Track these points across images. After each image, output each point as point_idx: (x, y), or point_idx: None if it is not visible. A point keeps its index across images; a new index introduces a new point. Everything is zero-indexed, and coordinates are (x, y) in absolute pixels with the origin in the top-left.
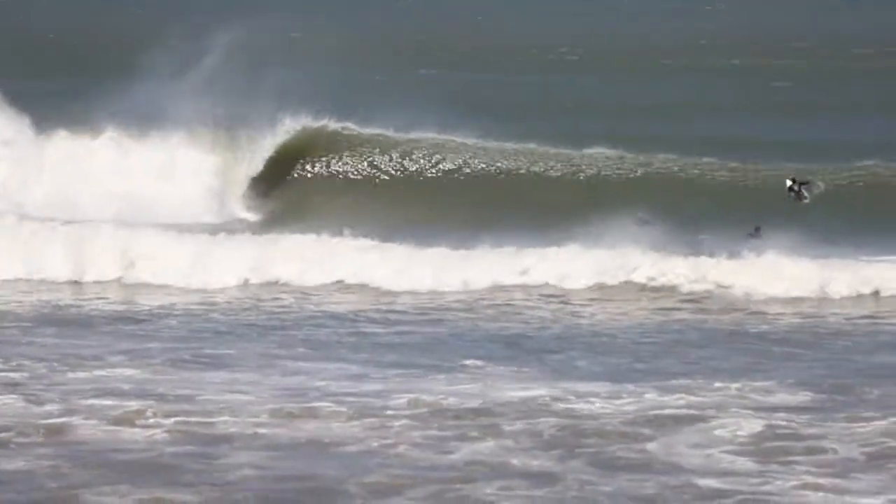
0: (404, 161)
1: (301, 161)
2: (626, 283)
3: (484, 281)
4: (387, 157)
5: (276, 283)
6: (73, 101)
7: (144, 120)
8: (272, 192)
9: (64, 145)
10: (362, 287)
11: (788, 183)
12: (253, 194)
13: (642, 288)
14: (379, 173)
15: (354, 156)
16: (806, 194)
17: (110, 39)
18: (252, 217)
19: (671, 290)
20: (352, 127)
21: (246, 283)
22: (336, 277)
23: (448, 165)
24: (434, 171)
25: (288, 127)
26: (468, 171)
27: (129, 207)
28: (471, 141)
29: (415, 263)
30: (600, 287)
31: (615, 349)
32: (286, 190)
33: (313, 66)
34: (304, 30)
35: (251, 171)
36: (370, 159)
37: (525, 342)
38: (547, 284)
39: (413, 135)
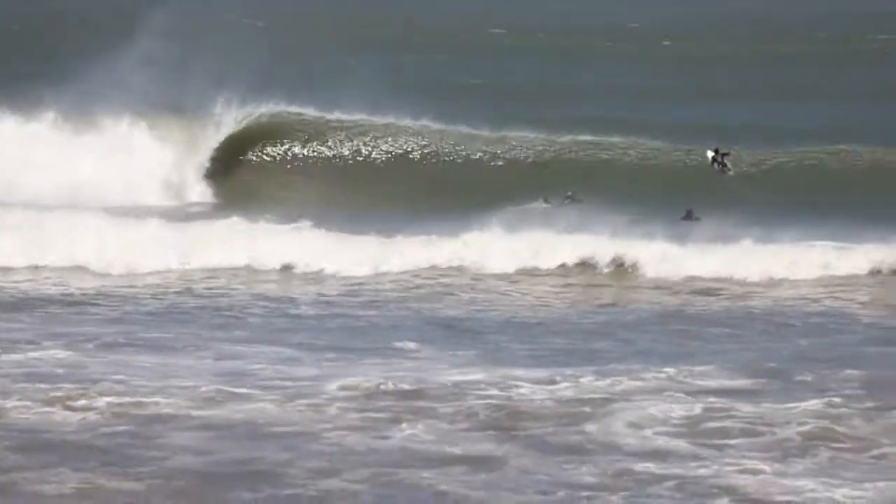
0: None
1: (252, 146)
2: (560, 266)
3: (415, 264)
4: (334, 141)
5: (210, 267)
6: (28, 83)
7: (96, 103)
8: (225, 177)
9: (10, 128)
10: (297, 271)
11: (710, 154)
12: (205, 179)
13: (573, 270)
14: (326, 157)
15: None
16: (729, 165)
17: (69, 22)
18: (203, 201)
19: (602, 272)
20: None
21: (180, 268)
22: (270, 262)
23: (384, 148)
24: (367, 154)
25: (236, 114)
26: (398, 153)
27: (77, 191)
28: (404, 123)
29: (347, 247)
30: (529, 270)
31: (549, 332)
32: (238, 174)
33: (266, 52)
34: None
35: (203, 156)
36: (313, 144)
37: (459, 325)
38: (478, 267)
39: (348, 117)
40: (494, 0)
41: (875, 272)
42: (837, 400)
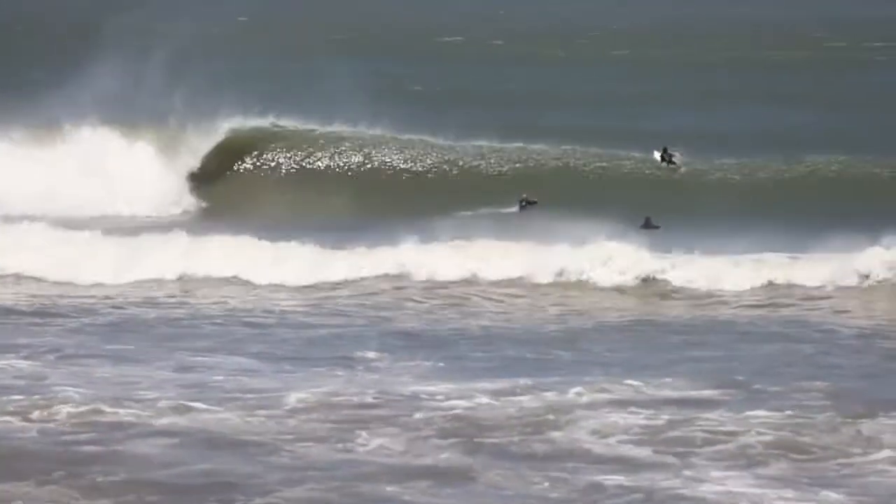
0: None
1: (234, 158)
2: (520, 276)
3: (368, 273)
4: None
5: (170, 279)
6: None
7: (79, 112)
8: (206, 188)
9: None
10: (257, 283)
11: (657, 154)
12: (187, 190)
13: (535, 280)
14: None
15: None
16: (677, 162)
17: (48, 28)
18: (183, 211)
19: (560, 281)
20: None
21: (141, 280)
22: (228, 273)
23: (351, 159)
24: (322, 164)
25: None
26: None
27: (56, 203)
28: (372, 133)
29: (305, 259)
30: (485, 279)
31: (507, 341)
32: (219, 186)
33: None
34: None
35: (184, 167)
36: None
37: (418, 335)
38: (431, 275)
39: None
40: (451, 8)
41: (833, 283)
42: (800, 410)
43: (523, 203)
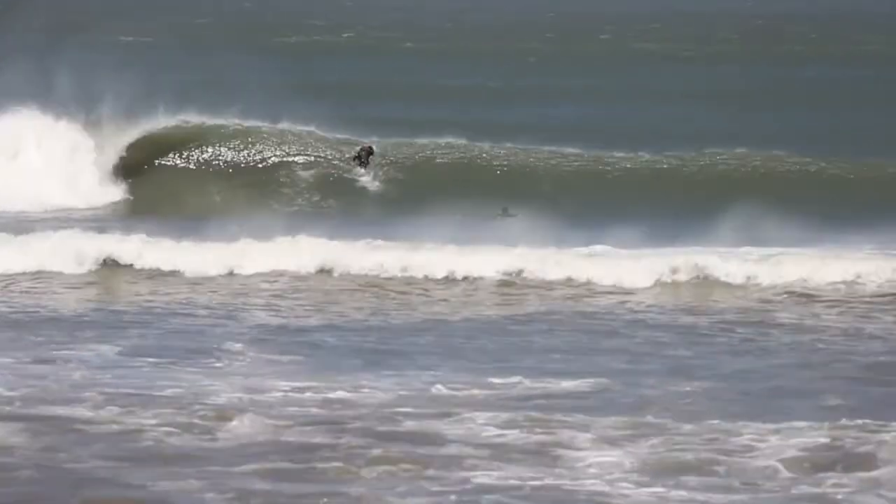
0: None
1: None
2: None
3: (248, 270)
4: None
5: (34, 272)
6: None
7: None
8: (128, 180)
9: None
10: (126, 274)
11: (356, 152)
12: (109, 181)
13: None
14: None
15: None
16: (367, 161)
17: None
18: (103, 203)
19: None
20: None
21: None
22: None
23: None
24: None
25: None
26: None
27: None
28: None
29: (178, 253)
30: (363, 277)
31: (378, 338)
32: (142, 179)
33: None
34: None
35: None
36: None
37: (289, 331)
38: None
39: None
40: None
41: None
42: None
43: (503, 213)
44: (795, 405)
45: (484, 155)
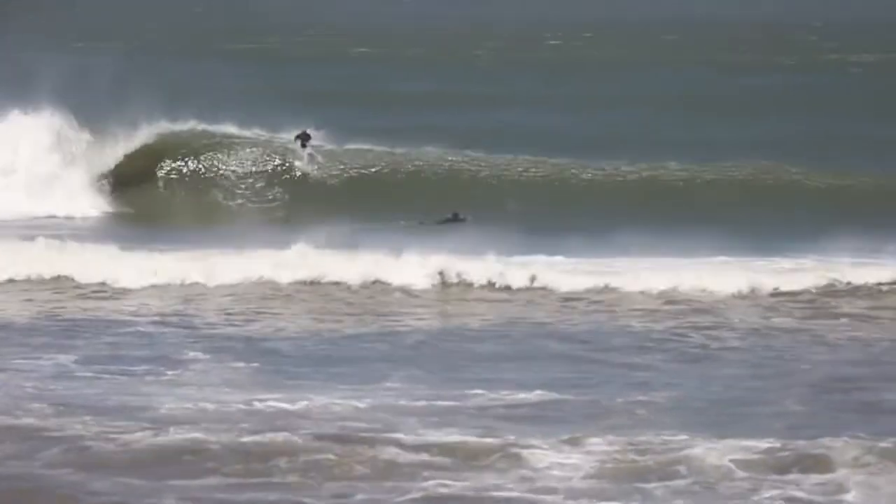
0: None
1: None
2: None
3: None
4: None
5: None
6: None
7: None
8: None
9: None
10: (77, 284)
11: (295, 136)
12: (100, 191)
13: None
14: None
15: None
16: (310, 147)
17: None
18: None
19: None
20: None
21: None
22: (51, 274)
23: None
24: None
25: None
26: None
27: None
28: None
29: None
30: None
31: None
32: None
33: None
34: None
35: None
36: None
37: (243, 339)
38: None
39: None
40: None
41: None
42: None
43: (452, 217)
44: None
45: (438, 161)
